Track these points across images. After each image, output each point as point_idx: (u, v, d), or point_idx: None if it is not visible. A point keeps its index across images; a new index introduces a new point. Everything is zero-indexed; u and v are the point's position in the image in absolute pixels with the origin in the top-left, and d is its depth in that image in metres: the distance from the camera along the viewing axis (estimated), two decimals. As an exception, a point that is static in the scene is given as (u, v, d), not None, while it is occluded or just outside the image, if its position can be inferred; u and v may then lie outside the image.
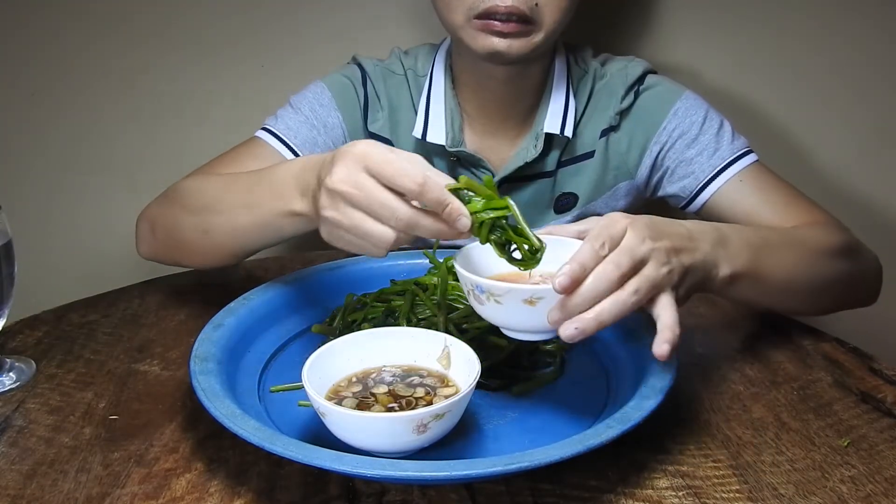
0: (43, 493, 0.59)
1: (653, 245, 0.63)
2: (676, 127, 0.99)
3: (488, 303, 0.62)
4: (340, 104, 1.02)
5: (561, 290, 0.58)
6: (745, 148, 0.98)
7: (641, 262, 0.62)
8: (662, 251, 0.64)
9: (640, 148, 1.02)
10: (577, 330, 0.59)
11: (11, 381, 0.74)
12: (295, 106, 1.02)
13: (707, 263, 0.69)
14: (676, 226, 0.69)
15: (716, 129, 0.98)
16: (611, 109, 1.01)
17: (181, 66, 1.34)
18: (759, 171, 0.97)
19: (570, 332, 0.59)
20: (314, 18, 1.32)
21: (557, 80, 1.01)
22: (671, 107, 1.00)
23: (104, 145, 1.38)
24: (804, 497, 0.59)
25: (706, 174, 0.97)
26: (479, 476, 0.53)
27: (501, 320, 0.64)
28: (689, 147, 0.99)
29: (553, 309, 0.60)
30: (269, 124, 1.01)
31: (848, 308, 0.91)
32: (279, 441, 0.55)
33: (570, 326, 0.59)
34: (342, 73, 1.04)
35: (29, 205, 1.39)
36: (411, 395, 0.64)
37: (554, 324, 0.60)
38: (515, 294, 0.60)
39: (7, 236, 0.73)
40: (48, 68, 1.34)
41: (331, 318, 0.80)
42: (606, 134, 1.02)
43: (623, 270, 0.61)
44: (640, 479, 0.60)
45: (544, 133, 0.99)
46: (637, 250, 0.62)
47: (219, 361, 0.68)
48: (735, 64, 1.32)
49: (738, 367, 0.77)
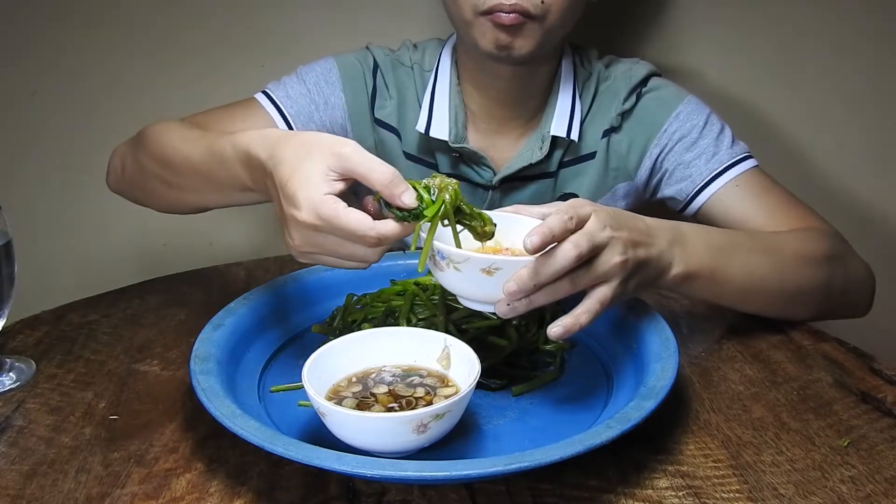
0: (43, 493, 0.59)
1: (613, 234, 0.65)
2: (677, 130, 0.99)
3: (448, 269, 0.64)
4: (346, 86, 1.02)
5: (532, 251, 0.60)
6: (744, 153, 0.98)
7: (599, 248, 0.65)
8: (621, 241, 0.66)
9: (641, 149, 1.02)
10: (510, 307, 0.63)
11: (11, 381, 0.74)
12: (300, 76, 1.02)
13: (661, 260, 0.72)
14: (637, 220, 0.71)
15: (716, 134, 0.98)
16: (613, 110, 1.01)
17: (181, 66, 1.34)
18: (756, 176, 0.96)
19: (503, 310, 0.63)
20: (315, 18, 1.32)
21: (564, 82, 1.01)
22: (673, 110, 1.00)
23: (104, 145, 1.38)
24: (804, 497, 0.59)
25: (703, 178, 0.97)
26: (479, 476, 0.53)
27: (459, 288, 0.65)
28: (688, 150, 0.99)
29: (509, 281, 0.61)
30: (270, 88, 1.01)
31: (835, 318, 0.90)
32: (279, 441, 0.55)
33: (502, 305, 0.63)
34: (355, 55, 1.04)
35: (29, 205, 1.39)
36: (411, 395, 0.64)
37: (509, 295, 0.62)
38: (474, 262, 0.62)
39: (7, 236, 0.73)
40: (48, 68, 1.34)
41: (331, 318, 0.80)
42: (608, 135, 1.02)
43: (581, 251, 0.62)
44: (640, 479, 0.60)
45: (551, 136, 0.99)
46: (597, 236, 0.64)
47: (219, 361, 0.68)
48: (740, 67, 1.32)
49: (738, 367, 0.77)
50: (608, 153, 1.03)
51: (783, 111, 1.33)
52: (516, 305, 0.63)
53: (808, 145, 1.35)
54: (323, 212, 0.61)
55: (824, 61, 1.30)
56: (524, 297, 0.63)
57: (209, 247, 1.45)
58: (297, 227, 0.63)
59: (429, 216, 0.63)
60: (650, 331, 0.72)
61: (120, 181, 0.97)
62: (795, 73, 1.31)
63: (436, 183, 0.64)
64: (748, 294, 0.81)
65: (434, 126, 0.99)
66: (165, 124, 0.90)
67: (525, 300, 0.63)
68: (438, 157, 1.03)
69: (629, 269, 0.67)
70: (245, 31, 1.33)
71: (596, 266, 0.65)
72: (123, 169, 0.95)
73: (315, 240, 0.63)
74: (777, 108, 1.33)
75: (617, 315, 0.77)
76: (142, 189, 0.93)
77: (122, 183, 0.97)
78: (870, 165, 1.35)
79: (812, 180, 1.34)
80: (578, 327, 0.64)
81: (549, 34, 0.91)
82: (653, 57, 1.28)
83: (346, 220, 0.61)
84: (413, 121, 1.02)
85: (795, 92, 1.32)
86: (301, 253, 0.65)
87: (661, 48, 1.32)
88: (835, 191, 1.35)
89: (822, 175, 1.35)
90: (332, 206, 0.61)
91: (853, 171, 1.35)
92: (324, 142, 0.63)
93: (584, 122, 1.02)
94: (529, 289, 0.62)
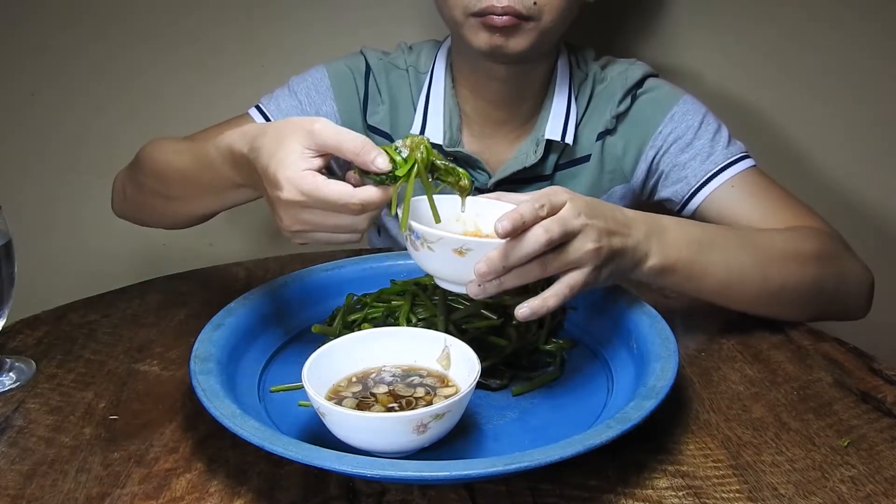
0: (43, 493, 0.59)
1: (587, 221, 0.67)
2: (672, 131, 0.99)
3: (422, 248, 0.65)
4: (338, 94, 1.02)
5: (502, 235, 0.62)
6: (741, 153, 0.97)
7: (572, 235, 0.66)
8: (595, 229, 0.67)
9: (636, 152, 1.01)
10: (480, 288, 0.64)
11: (11, 381, 0.74)
12: (292, 89, 1.03)
13: (637, 251, 0.72)
14: (615, 210, 0.72)
15: (711, 134, 0.98)
16: (608, 113, 1.01)
17: (181, 66, 1.34)
18: (752, 176, 0.96)
19: (474, 290, 0.65)
20: (315, 18, 1.32)
21: (559, 84, 1.01)
22: (668, 111, 0.99)
23: (104, 145, 1.38)
24: (804, 497, 0.59)
25: (698, 179, 0.97)
26: (479, 476, 0.53)
27: (433, 268, 0.67)
28: (684, 151, 0.98)
29: (480, 262, 0.63)
30: (262, 103, 1.03)
31: (829, 319, 0.89)
32: (279, 441, 0.55)
33: (473, 285, 0.65)
34: (346, 62, 1.05)
35: (29, 205, 1.39)
36: (411, 395, 0.64)
37: (480, 276, 0.63)
38: (446, 242, 0.64)
39: (7, 236, 0.73)
40: (48, 68, 1.34)
41: (331, 318, 0.80)
42: (602, 137, 1.02)
43: (552, 236, 0.63)
44: (640, 479, 0.60)
45: (545, 139, 0.99)
46: (570, 223, 0.65)
47: (219, 361, 0.68)
48: (737, 66, 1.32)
49: (738, 367, 0.77)
50: (603, 156, 1.02)
51: (781, 109, 1.33)
52: (487, 286, 0.64)
53: (805, 143, 1.35)
54: (304, 187, 0.63)
55: (820, 59, 1.30)
56: (495, 279, 0.64)
57: (209, 247, 1.45)
58: (283, 207, 0.65)
59: (402, 174, 0.64)
60: (650, 331, 0.72)
61: (122, 205, 1.02)
62: (790, 72, 1.31)
63: (406, 143, 0.65)
64: (728, 290, 0.80)
65: (428, 129, 0.99)
66: (158, 142, 0.94)
67: (496, 281, 0.64)
68: None
69: (602, 257, 0.68)
70: (245, 31, 1.33)
71: (567, 252, 0.66)
72: (125, 192, 0.99)
73: (301, 216, 0.65)
74: (772, 106, 1.33)
75: (617, 315, 0.77)
76: (143, 209, 0.97)
77: (125, 206, 1.01)
78: (869, 163, 1.35)
79: (805, 175, 1.34)
80: (545, 310, 0.65)
81: (545, 34, 0.91)
82: (651, 56, 1.29)
83: (326, 190, 0.63)
84: (407, 124, 1.02)
85: (791, 90, 1.32)
86: (292, 233, 0.67)
87: (659, 47, 1.32)
88: (833, 188, 1.36)
89: (816, 171, 1.35)
90: (312, 181, 0.63)
91: (852, 169, 1.35)
92: (295, 123, 0.65)
93: (580, 124, 1.02)
94: (499, 270, 0.63)
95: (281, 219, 0.66)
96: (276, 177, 0.63)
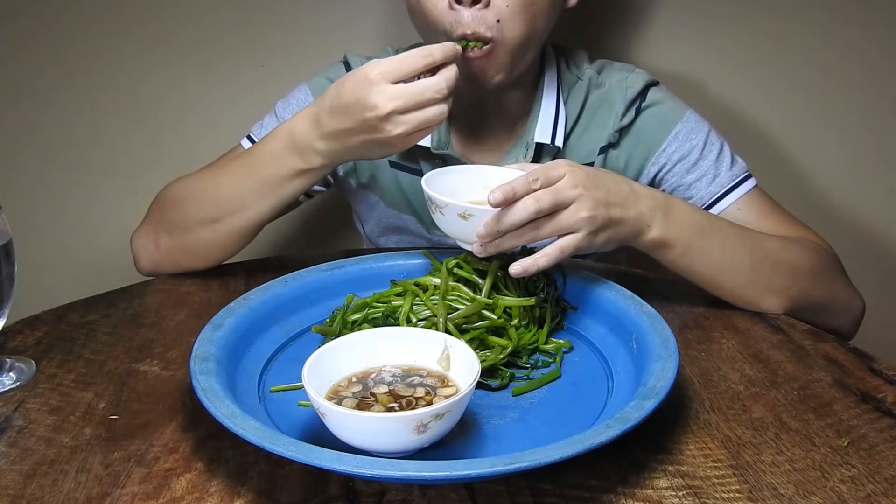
0: (43, 493, 0.59)
1: (583, 192, 0.72)
2: (676, 150, 0.99)
3: (436, 213, 0.76)
4: None
5: (494, 204, 0.70)
6: (744, 173, 0.98)
7: (564, 204, 0.72)
8: (591, 199, 0.73)
9: (638, 167, 1.01)
10: (483, 248, 0.73)
11: (11, 381, 0.74)
12: (279, 114, 1.03)
13: (639, 221, 0.77)
14: (622, 183, 0.77)
15: (716, 154, 0.98)
16: (610, 125, 1.00)
17: (181, 66, 1.34)
18: (756, 198, 0.97)
19: (477, 249, 0.74)
20: (315, 19, 1.32)
21: (548, 89, 1.00)
22: (672, 128, 0.99)
23: (104, 145, 1.38)
24: (804, 497, 0.59)
25: (704, 202, 0.97)
26: (479, 476, 0.53)
27: (447, 229, 0.77)
28: (689, 172, 0.98)
29: (479, 225, 0.72)
30: (253, 132, 1.03)
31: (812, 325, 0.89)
32: (279, 441, 0.55)
33: (476, 245, 0.74)
34: (326, 75, 1.04)
35: (29, 205, 1.39)
36: (411, 395, 0.64)
37: (479, 238, 0.73)
38: (452, 209, 0.74)
39: (7, 236, 0.73)
40: (48, 69, 1.34)
41: (331, 318, 0.80)
42: (605, 151, 1.01)
43: (541, 206, 0.70)
44: (640, 479, 0.60)
45: (535, 143, 0.98)
46: (563, 193, 0.72)
47: (219, 361, 0.68)
48: (730, 70, 1.32)
49: (738, 367, 0.77)
50: (605, 168, 1.01)
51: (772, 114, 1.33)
52: (487, 247, 0.73)
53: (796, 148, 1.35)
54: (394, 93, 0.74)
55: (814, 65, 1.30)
56: (493, 240, 0.72)
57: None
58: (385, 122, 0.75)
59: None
60: (650, 331, 0.72)
61: (155, 257, 0.96)
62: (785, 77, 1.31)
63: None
64: (716, 276, 0.84)
65: None
66: (179, 180, 0.96)
67: (495, 242, 0.73)
68: (422, 164, 1.02)
69: (597, 225, 0.74)
70: (245, 31, 1.33)
71: (560, 218, 0.72)
72: (158, 245, 0.95)
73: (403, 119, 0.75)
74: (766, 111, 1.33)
75: (617, 315, 0.77)
76: (187, 250, 0.94)
77: (160, 256, 0.96)
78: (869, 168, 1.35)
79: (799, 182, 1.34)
80: (536, 268, 0.72)
81: (515, 54, 0.89)
82: (645, 60, 1.28)
83: (417, 85, 0.75)
84: None
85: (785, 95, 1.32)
86: (403, 140, 0.78)
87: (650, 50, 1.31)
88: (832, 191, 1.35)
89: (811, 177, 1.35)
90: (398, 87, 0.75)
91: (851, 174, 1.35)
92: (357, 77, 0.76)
93: (576, 131, 1.01)
94: (495, 234, 0.72)
95: (389, 132, 0.76)
96: (368, 100, 0.74)
